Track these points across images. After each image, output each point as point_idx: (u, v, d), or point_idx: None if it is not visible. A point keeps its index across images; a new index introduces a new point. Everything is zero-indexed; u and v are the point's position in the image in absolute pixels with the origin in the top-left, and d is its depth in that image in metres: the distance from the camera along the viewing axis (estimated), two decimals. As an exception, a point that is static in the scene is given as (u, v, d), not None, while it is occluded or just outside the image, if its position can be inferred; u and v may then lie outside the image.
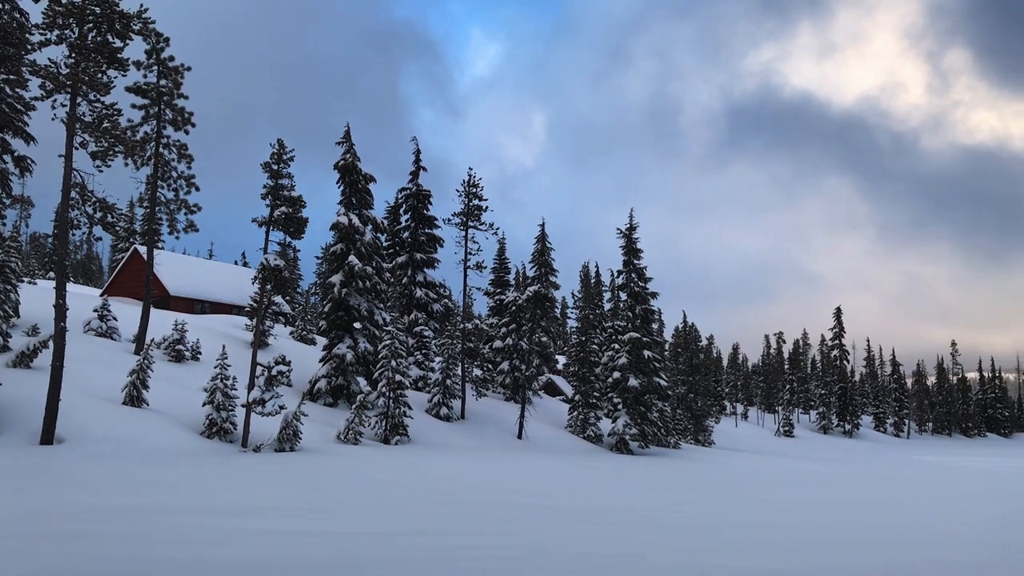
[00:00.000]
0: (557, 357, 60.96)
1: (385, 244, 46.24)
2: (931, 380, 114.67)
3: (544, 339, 48.68)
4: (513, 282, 59.34)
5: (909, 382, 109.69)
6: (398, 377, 32.99)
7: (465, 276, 43.88)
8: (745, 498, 23.39)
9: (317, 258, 69.64)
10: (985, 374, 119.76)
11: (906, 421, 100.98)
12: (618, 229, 47.83)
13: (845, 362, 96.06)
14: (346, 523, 12.79)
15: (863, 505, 23.09)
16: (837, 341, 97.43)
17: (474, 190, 43.82)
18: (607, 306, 68.27)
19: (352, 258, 37.20)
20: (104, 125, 23.43)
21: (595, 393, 45.15)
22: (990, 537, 16.35)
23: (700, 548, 12.20)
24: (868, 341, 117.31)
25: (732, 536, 13.72)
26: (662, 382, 45.70)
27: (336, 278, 37.52)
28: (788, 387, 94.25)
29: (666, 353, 64.12)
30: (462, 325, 44.90)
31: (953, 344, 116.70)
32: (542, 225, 48.41)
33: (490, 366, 50.52)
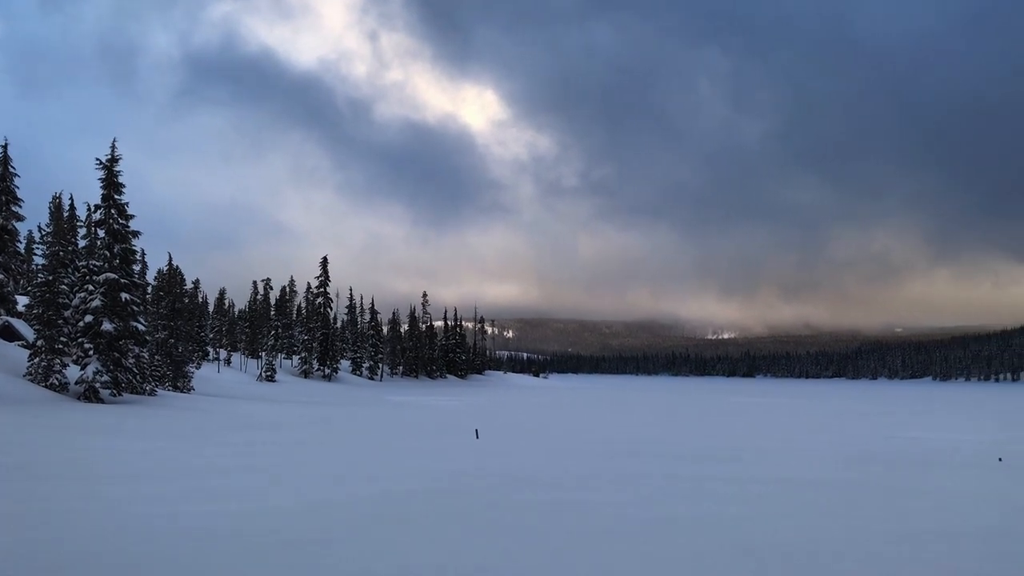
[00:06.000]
0: (18, 298, 53.97)
1: None
2: (404, 327, 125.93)
3: (2, 277, 42.86)
4: (-37, 209, 50.85)
5: (385, 329, 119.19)
6: None
7: None
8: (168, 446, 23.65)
9: None
10: (449, 323, 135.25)
11: (380, 365, 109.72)
12: (97, 160, 43.99)
13: (329, 310, 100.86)
14: None
15: (320, 444, 24.90)
16: (323, 289, 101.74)
17: (-88, 96, 36.61)
18: (82, 243, 62.27)
19: None
20: None
21: (63, 338, 41.08)
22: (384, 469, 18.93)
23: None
24: (351, 290, 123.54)
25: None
26: (140, 327, 43.47)
27: None
28: (273, 333, 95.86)
29: (148, 296, 60.76)
30: None
31: (424, 295, 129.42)
32: (4, 146, 42.22)
33: (-73, 306, 43.00)
